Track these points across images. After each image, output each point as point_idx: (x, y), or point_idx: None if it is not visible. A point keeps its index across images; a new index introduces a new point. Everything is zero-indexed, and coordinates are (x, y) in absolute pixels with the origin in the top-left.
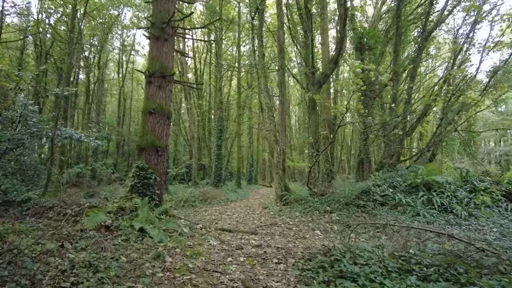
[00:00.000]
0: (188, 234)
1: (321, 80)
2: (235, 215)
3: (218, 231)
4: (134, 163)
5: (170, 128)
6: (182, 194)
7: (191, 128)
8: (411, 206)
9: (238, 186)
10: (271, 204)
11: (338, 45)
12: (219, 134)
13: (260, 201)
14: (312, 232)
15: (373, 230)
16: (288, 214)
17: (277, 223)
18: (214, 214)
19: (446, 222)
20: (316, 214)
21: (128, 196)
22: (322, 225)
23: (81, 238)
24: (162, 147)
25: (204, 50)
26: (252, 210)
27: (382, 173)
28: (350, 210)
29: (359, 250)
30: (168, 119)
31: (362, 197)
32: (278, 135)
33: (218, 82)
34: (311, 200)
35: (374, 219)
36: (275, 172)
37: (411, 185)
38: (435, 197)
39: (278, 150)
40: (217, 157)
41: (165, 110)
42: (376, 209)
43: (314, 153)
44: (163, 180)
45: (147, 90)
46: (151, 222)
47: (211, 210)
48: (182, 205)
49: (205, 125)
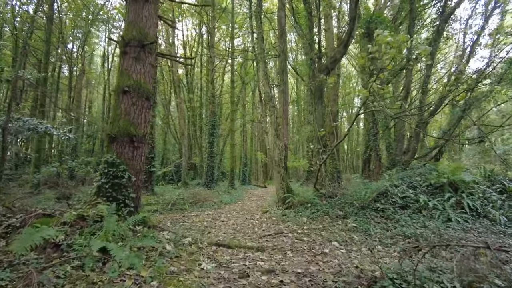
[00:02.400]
0: (172, 254)
1: (329, 66)
2: (231, 221)
3: (213, 247)
4: (103, 157)
5: (151, 112)
6: (170, 196)
7: (181, 124)
8: (438, 209)
9: (231, 187)
10: (272, 207)
11: (349, 26)
12: (211, 130)
13: (258, 204)
14: (330, 244)
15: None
16: (293, 219)
17: (283, 232)
18: (207, 220)
19: (486, 230)
20: (327, 220)
21: (93, 200)
22: (338, 234)
23: (9, 266)
24: (139, 137)
25: (195, 43)
26: (250, 215)
27: (395, 171)
28: (367, 215)
29: (418, 279)
30: (148, 101)
31: (379, 200)
32: (280, 129)
33: (210, 75)
34: (319, 203)
35: (395, 225)
36: (276, 171)
37: (434, 185)
38: (465, 199)
39: (280, 146)
40: (209, 155)
41: (144, 88)
42: (397, 214)
43: (320, 149)
44: (140, 180)
45: (121, 63)
46: (121, 237)
47: (202, 214)
48: (169, 208)
49: (196, 121)
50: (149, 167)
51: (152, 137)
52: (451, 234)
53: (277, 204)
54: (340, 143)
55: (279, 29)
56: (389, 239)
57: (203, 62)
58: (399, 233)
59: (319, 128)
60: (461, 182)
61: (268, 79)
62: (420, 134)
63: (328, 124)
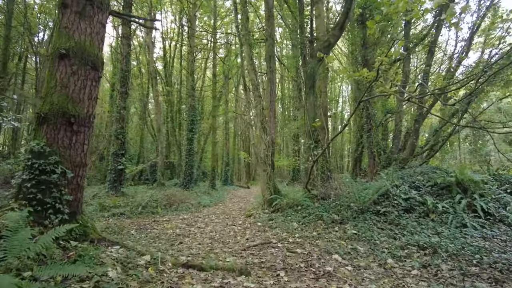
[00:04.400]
0: (115, 286)
1: (323, 51)
2: (209, 228)
3: (179, 269)
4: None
5: (99, 86)
6: (141, 198)
7: (157, 119)
8: (449, 213)
9: (212, 187)
10: (257, 211)
11: (346, 5)
12: (190, 126)
13: (240, 206)
14: (330, 258)
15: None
16: (282, 225)
17: (270, 242)
18: (180, 226)
19: (509, 238)
20: (322, 225)
21: (7, 205)
22: (337, 244)
23: None
24: (80, 118)
25: (175, 35)
26: (232, 220)
27: (393, 170)
28: (368, 220)
29: None
30: (96, 71)
31: (379, 202)
32: (266, 121)
33: (190, 66)
34: (311, 206)
35: (402, 232)
36: (261, 169)
37: (440, 186)
38: (478, 201)
39: (266, 141)
40: (188, 153)
41: (89, 54)
42: (401, 218)
43: (312, 144)
44: (81, 177)
45: (59, 20)
46: (40, 260)
47: (176, 219)
48: (139, 212)
49: (175, 117)
50: (118, 164)
51: (123, 132)
52: (475, 244)
53: (262, 207)
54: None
55: (266, 10)
56: (400, 250)
57: (183, 54)
58: (410, 242)
59: (311, 121)
60: (471, 182)
61: (253, 64)
62: (419, 130)
63: (319, 117)
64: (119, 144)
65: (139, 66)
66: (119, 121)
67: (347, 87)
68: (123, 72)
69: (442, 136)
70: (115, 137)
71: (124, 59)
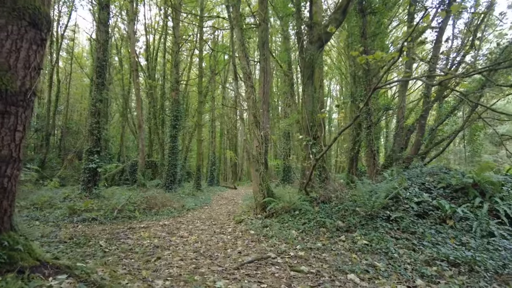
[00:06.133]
0: None
1: (323, 37)
2: (193, 237)
3: None
4: None
5: (43, 53)
6: (118, 200)
7: (138, 115)
8: (469, 219)
9: (197, 188)
10: (248, 216)
11: None
12: (174, 122)
13: (228, 209)
14: (346, 279)
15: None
16: (279, 234)
17: (268, 256)
18: (159, 235)
19: None
20: (325, 234)
21: None
22: (348, 258)
23: None
24: (11, 93)
25: (159, 28)
26: (220, 226)
27: (396, 170)
28: (379, 228)
29: None
30: (37, 30)
31: (388, 206)
32: (259, 115)
33: (175, 57)
34: (310, 211)
35: (421, 242)
36: (254, 169)
37: (453, 188)
38: (501, 206)
39: (259, 137)
40: (171, 151)
41: (27, 4)
42: (416, 225)
43: (310, 141)
44: (12, 177)
45: None
46: None
47: (155, 226)
48: (114, 217)
49: (158, 114)
50: (92, 163)
51: (99, 127)
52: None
53: (254, 211)
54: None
55: None
56: (427, 267)
57: (167, 46)
58: (436, 255)
59: (309, 115)
60: (489, 183)
61: (245, 50)
62: (425, 126)
63: (318, 111)
64: (94, 141)
65: (121, 57)
66: (95, 115)
67: (335, 86)
68: (99, 61)
69: (447, 133)
70: (90, 133)
71: (101, 47)
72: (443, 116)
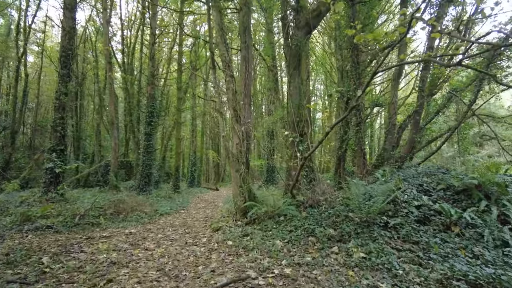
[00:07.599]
0: None
1: (311, 22)
2: (160, 250)
3: None
4: None
5: None
6: (82, 205)
7: (111, 111)
8: (477, 225)
9: (175, 190)
10: (227, 222)
11: None
12: (149, 118)
13: (206, 214)
14: None
15: None
16: (262, 245)
17: (248, 276)
18: (120, 247)
19: None
20: (315, 245)
21: None
22: (344, 277)
23: None
24: None
25: (137, 19)
26: (193, 236)
27: (389, 171)
28: (376, 237)
29: None
30: None
31: (385, 210)
32: (240, 108)
33: (151, 49)
34: (297, 216)
35: (428, 255)
36: (233, 169)
37: (455, 190)
38: (510, 209)
39: (240, 133)
40: (146, 150)
41: None
42: (418, 233)
43: (296, 138)
44: None
45: None
46: None
47: (119, 235)
48: (75, 223)
49: (134, 111)
50: (52, 163)
51: (63, 123)
52: None
53: (234, 217)
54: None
55: None
56: None
57: (144, 39)
58: (449, 273)
59: (296, 109)
60: (494, 185)
61: (224, 36)
62: (419, 122)
63: (304, 105)
64: (57, 138)
65: (95, 50)
66: (59, 110)
67: (320, 84)
68: (65, 50)
69: (436, 132)
70: (53, 129)
71: (66, 34)
72: (431, 113)
